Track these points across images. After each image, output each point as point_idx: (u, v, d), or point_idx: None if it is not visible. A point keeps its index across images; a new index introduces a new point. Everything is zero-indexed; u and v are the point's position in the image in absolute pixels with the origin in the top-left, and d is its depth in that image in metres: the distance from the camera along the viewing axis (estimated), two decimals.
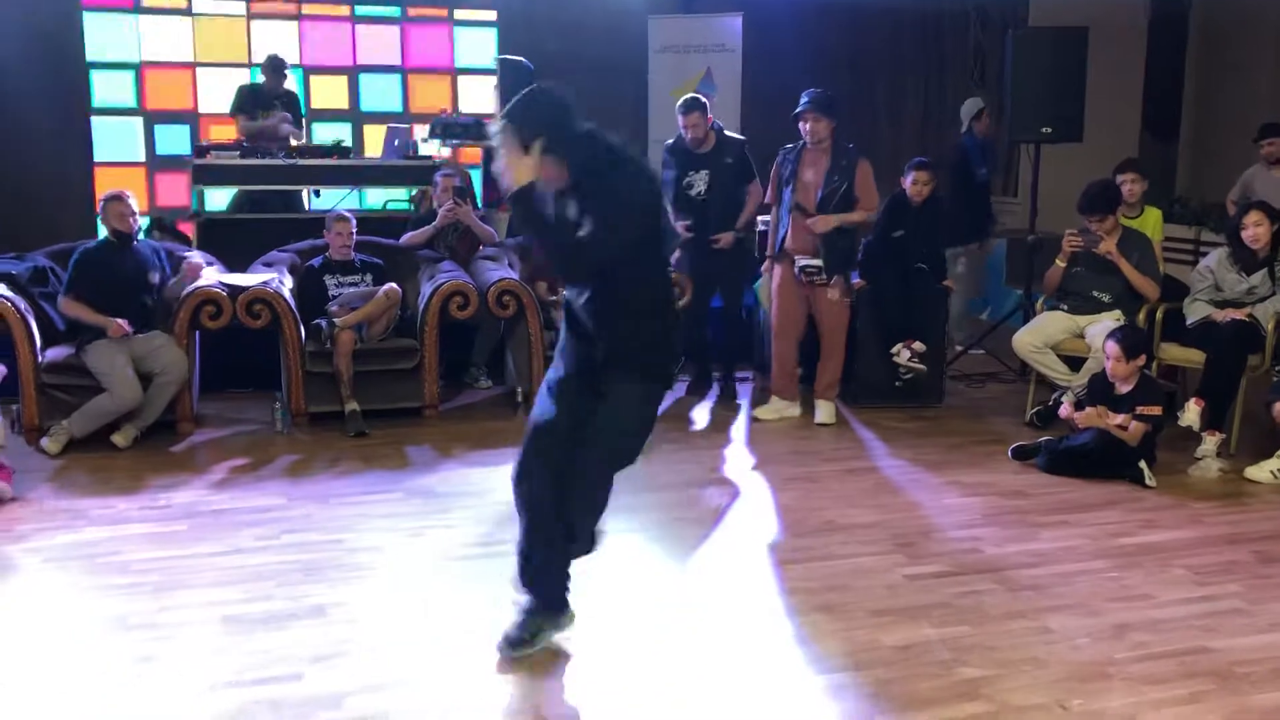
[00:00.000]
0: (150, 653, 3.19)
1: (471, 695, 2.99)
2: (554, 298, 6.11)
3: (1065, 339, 5.73)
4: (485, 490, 4.70)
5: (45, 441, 5.09)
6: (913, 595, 3.67)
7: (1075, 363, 5.68)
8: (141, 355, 5.26)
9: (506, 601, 3.39)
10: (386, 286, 5.82)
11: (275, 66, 7.73)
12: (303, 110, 8.10)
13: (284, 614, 3.45)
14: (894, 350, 6.05)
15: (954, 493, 4.77)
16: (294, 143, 7.44)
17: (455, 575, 3.79)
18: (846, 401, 6.08)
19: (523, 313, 5.95)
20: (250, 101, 7.68)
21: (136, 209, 5.48)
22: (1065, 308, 5.81)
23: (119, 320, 5.20)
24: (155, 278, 5.50)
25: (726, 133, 6.27)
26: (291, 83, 8.04)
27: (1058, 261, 5.87)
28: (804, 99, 5.68)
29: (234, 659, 3.15)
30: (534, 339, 5.98)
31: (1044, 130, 6.67)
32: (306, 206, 7.72)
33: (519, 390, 6.16)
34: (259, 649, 3.21)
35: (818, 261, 5.70)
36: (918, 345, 6.03)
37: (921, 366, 6.04)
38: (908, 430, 5.76)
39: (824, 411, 5.88)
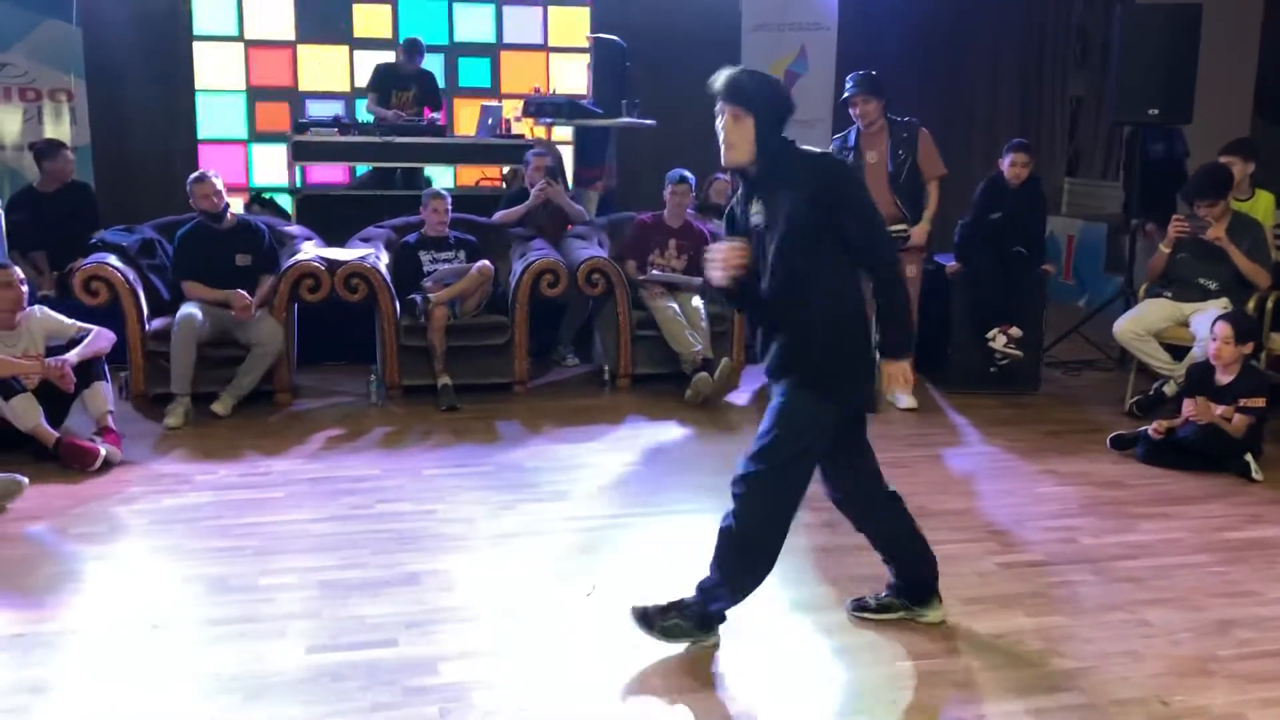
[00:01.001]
0: (250, 614, 3.29)
1: (559, 665, 3.02)
2: (643, 277, 6.12)
3: (1168, 327, 5.57)
4: (573, 466, 4.74)
5: (167, 420, 5.22)
6: (1005, 584, 3.61)
7: (1178, 352, 5.51)
8: (240, 326, 5.40)
9: (594, 575, 3.43)
10: (480, 263, 5.89)
11: (411, 47, 7.74)
12: (441, 89, 8.09)
13: (378, 581, 3.53)
14: (990, 335, 5.94)
15: (1049, 481, 4.67)
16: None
17: (544, 548, 3.83)
18: (940, 387, 5.98)
19: (612, 291, 5.98)
20: (386, 81, 7.71)
21: (222, 188, 5.60)
22: (1169, 295, 5.64)
23: (239, 291, 5.37)
24: (245, 260, 5.58)
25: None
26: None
27: (1162, 248, 5.69)
28: (849, 83, 5.64)
29: (330, 623, 3.23)
30: (621, 318, 6.01)
31: (1150, 112, 6.46)
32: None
33: (606, 368, 6.19)
34: (354, 614, 3.29)
35: (900, 226, 5.62)
36: (1014, 331, 5.91)
37: (1018, 352, 5.92)
38: (1002, 417, 5.66)
39: (906, 394, 5.77)
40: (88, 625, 3.22)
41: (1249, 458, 4.70)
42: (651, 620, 3.09)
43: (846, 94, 5.64)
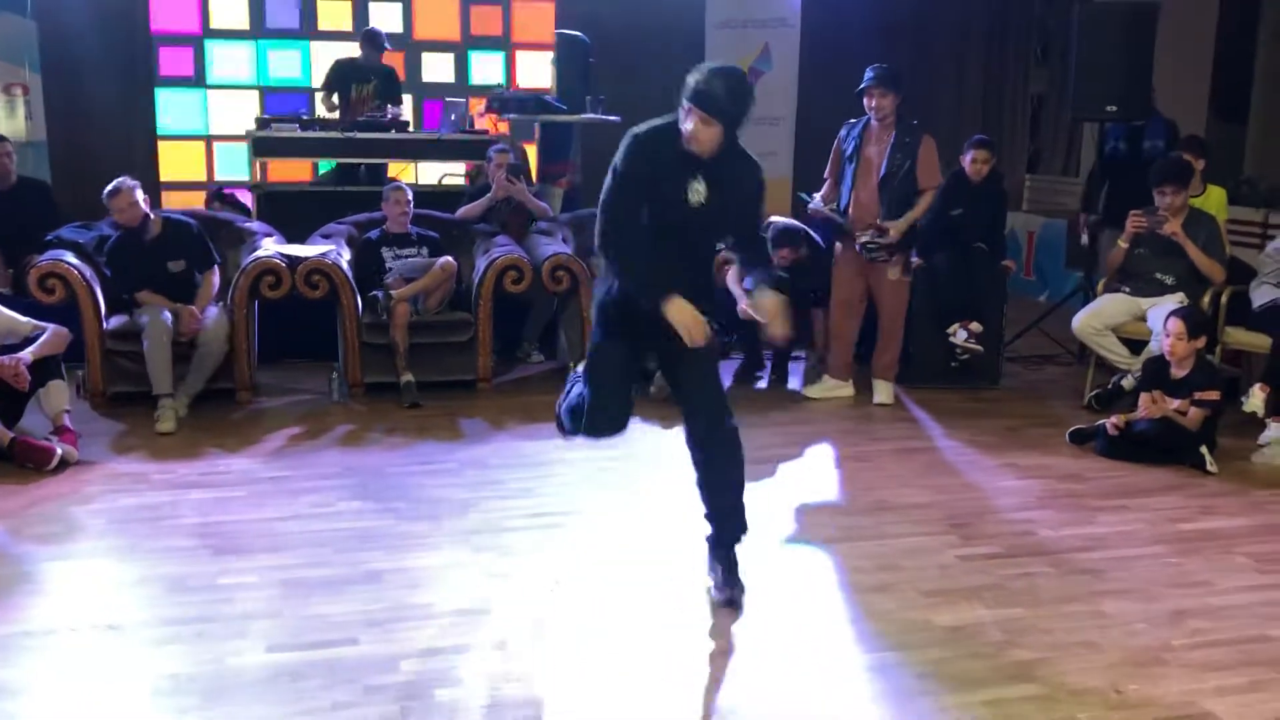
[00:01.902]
0: (209, 613, 3.26)
1: (523, 662, 3.02)
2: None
3: (1126, 321, 5.64)
4: (537, 463, 4.73)
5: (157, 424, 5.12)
6: (965, 576, 3.64)
7: (1136, 346, 5.58)
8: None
9: (559, 570, 3.43)
10: (442, 259, 5.86)
11: (372, 40, 7.62)
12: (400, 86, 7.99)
13: (340, 579, 3.50)
14: (950, 330, 5.99)
15: (1009, 475, 4.72)
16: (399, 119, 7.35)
17: (508, 545, 3.82)
18: (901, 382, 6.01)
19: (576, 288, 5.97)
20: (344, 76, 7.61)
21: (140, 198, 5.40)
22: (1127, 290, 5.71)
23: (189, 309, 5.30)
24: (178, 266, 5.46)
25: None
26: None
27: (1120, 243, 5.76)
28: (868, 74, 5.56)
29: (290, 622, 3.21)
30: (586, 314, 6.00)
31: (1109, 109, 6.54)
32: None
33: (571, 365, 6.18)
34: (315, 613, 3.27)
35: (881, 239, 5.62)
36: (975, 326, 5.96)
37: (978, 347, 5.97)
38: (963, 411, 5.71)
39: (882, 392, 5.83)
40: (45, 626, 3.18)
41: (1204, 450, 4.77)
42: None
43: (863, 84, 5.58)
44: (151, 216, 5.47)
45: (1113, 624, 3.31)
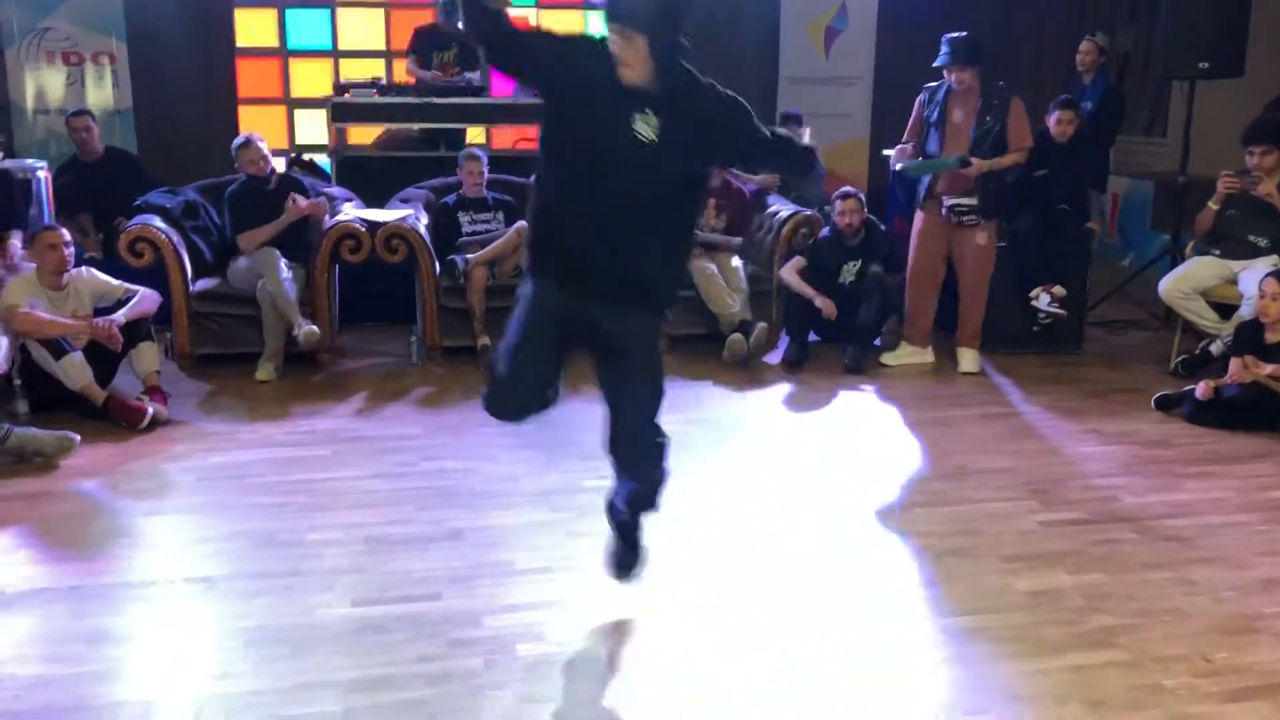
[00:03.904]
0: (297, 568, 3.35)
1: (602, 618, 3.06)
2: None
3: (1216, 285, 5.49)
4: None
5: (259, 374, 5.36)
6: (1047, 542, 3.60)
7: (1224, 310, 5.43)
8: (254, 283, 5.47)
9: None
10: (517, 224, 5.89)
11: (449, 5, 7.64)
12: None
13: (423, 537, 3.57)
14: (1032, 294, 5.88)
15: (1092, 441, 4.63)
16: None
17: (586, 504, 3.85)
18: (981, 347, 5.92)
19: None
20: (426, 43, 7.67)
21: (267, 152, 5.67)
22: (1217, 253, 5.55)
23: (295, 196, 5.54)
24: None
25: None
26: None
27: (1210, 205, 5.59)
28: (944, 50, 5.43)
29: (375, 577, 3.29)
30: None
31: (1201, 65, 6.32)
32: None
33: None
34: (399, 569, 3.34)
35: (970, 200, 5.52)
36: (1058, 290, 5.84)
37: (1061, 312, 5.86)
38: (1045, 377, 5.61)
39: (968, 360, 5.73)
40: (142, 578, 3.30)
41: None
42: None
43: (939, 61, 5.44)
44: (274, 171, 5.68)
45: (1200, 591, 3.25)
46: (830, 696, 2.71)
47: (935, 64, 5.46)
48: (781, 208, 6.33)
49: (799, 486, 4.10)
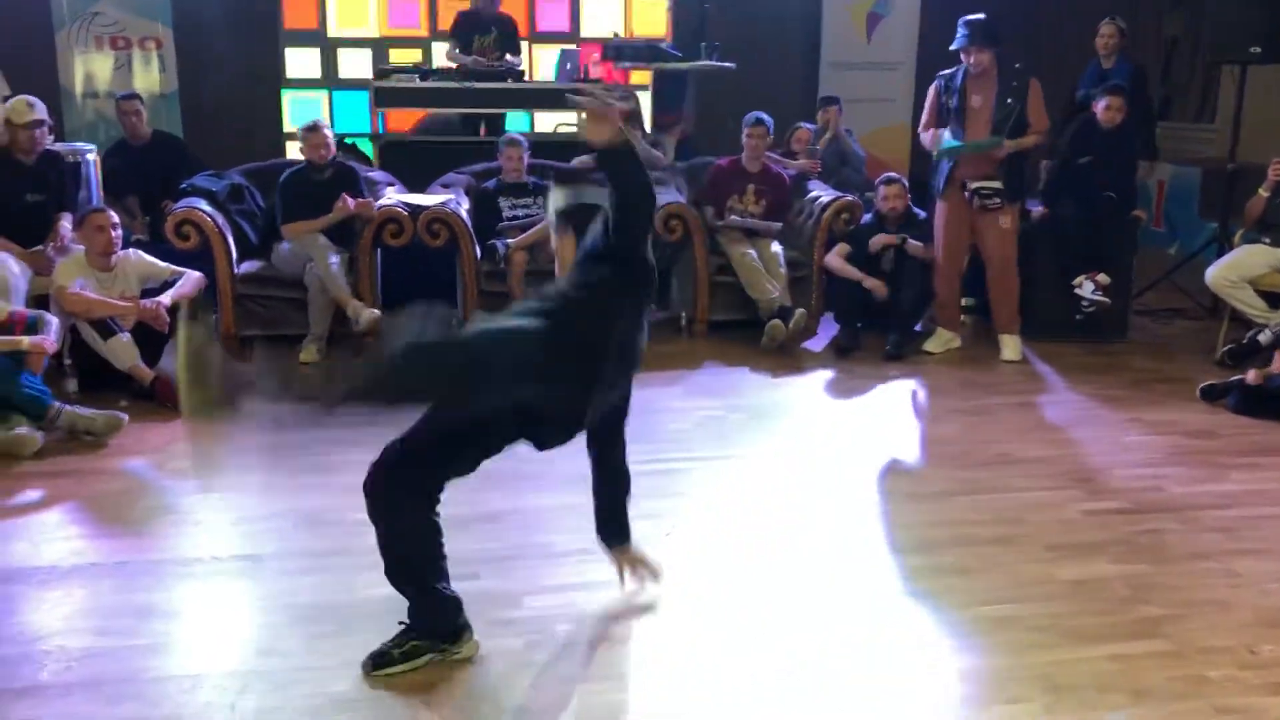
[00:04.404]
0: (342, 547, 3.38)
1: (639, 600, 3.08)
2: (721, 223, 6.10)
3: (1265, 273, 5.41)
4: (650, 411, 4.76)
5: (303, 355, 5.41)
6: (1089, 531, 3.57)
7: (1274, 300, 5.36)
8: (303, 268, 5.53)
9: (671, 517, 3.48)
10: None
11: None
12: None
13: (463, 518, 3.56)
14: (1075, 282, 5.81)
15: (1135, 430, 4.59)
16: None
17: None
18: (1021, 334, 5.87)
19: (689, 237, 5.96)
20: (467, 27, 7.68)
21: (331, 141, 5.74)
22: (1267, 241, 5.47)
23: (346, 196, 5.56)
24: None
25: None
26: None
27: (1260, 192, 5.51)
28: (961, 32, 5.42)
29: None
30: (699, 264, 6.00)
31: (1252, 50, 6.21)
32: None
33: (683, 315, 6.20)
34: None
35: (994, 184, 5.48)
36: (1101, 278, 5.78)
37: (1105, 300, 5.79)
38: (1088, 365, 5.56)
39: (1010, 347, 5.68)
40: (190, 555, 3.36)
41: None
42: None
43: (957, 44, 5.44)
44: (331, 159, 5.75)
45: (1245, 583, 3.21)
46: (870, 685, 2.71)
47: (952, 47, 5.45)
48: (822, 193, 6.30)
49: (837, 472, 4.10)
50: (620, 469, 3.13)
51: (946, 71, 5.63)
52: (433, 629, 2.76)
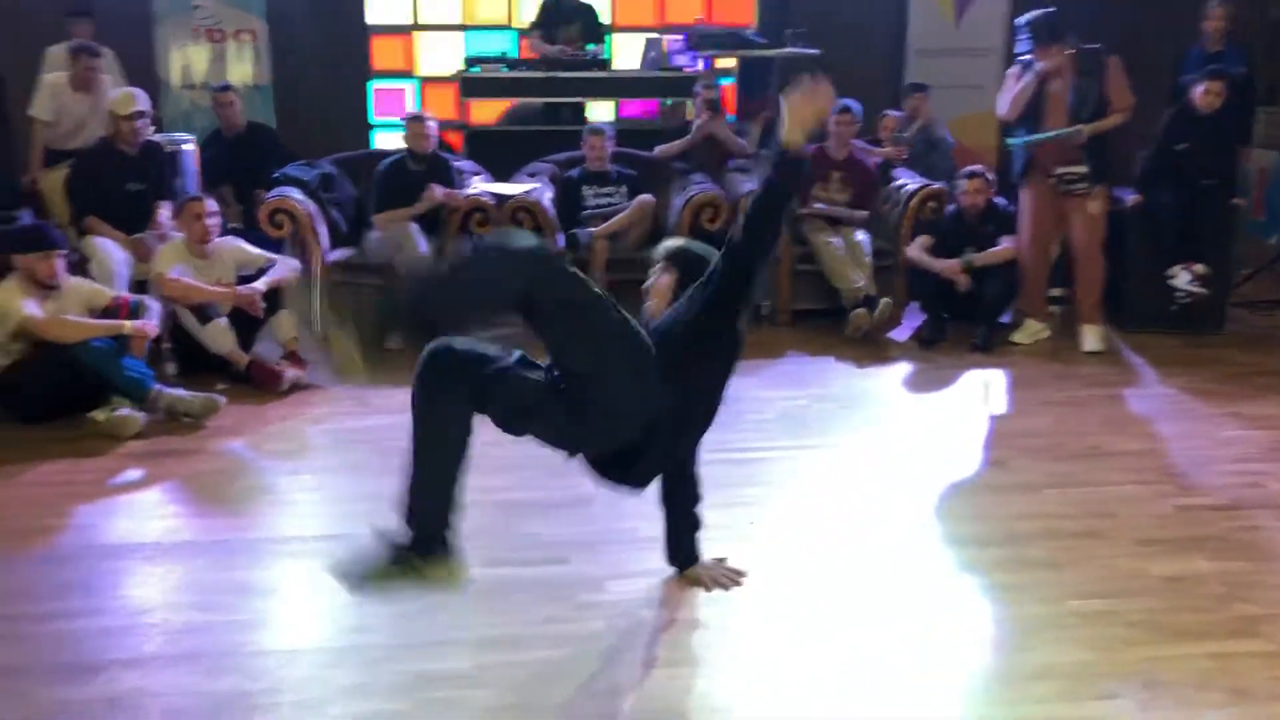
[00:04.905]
0: None
1: (722, 590, 3.08)
2: (804, 210, 6.05)
3: None
4: (733, 399, 4.73)
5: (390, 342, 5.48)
6: (1184, 527, 3.49)
7: None
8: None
9: (755, 506, 3.48)
10: (641, 198, 5.93)
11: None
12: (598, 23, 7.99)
13: (551, 503, 3.65)
14: (1170, 272, 5.66)
15: (1232, 425, 4.46)
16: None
17: (706, 478, 3.87)
18: (1113, 325, 5.75)
19: None
20: (550, 17, 7.72)
21: (434, 132, 5.84)
22: None
23: (434, 186, 5.65)
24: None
25: None
26: None
27: None
28: (1023, 37, 5.32)
29: (506, 539, 3.37)
30: (782, 252, 5.96)
31: None
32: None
33: (765, 304, 6.17)
34: (528, 532, 3.42)
35: (1080, 169, 5.36)
36: (1198, 268, 5.62)
37: (1202, 290, 5.63)
38: (1183, 358, 5.41)
39: (1093, 337, 5.55)
40: (285, 534, 3.45)
41: None
42: None
43: (1021, 49, 5.33)
44: (432, 151, 5.85)
45: None
46: (959, 675, 2.68)
47: (1017, 53, 5.34)
48: (909, 181, 6.22)
49: (920, 463, 4.05)
50: (690, 477, 3.11)
51: (1025, 56, 5.52)
52: (418, 536, 2.64)
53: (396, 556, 2.62)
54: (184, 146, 6.22)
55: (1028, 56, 5.40)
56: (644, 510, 3.56)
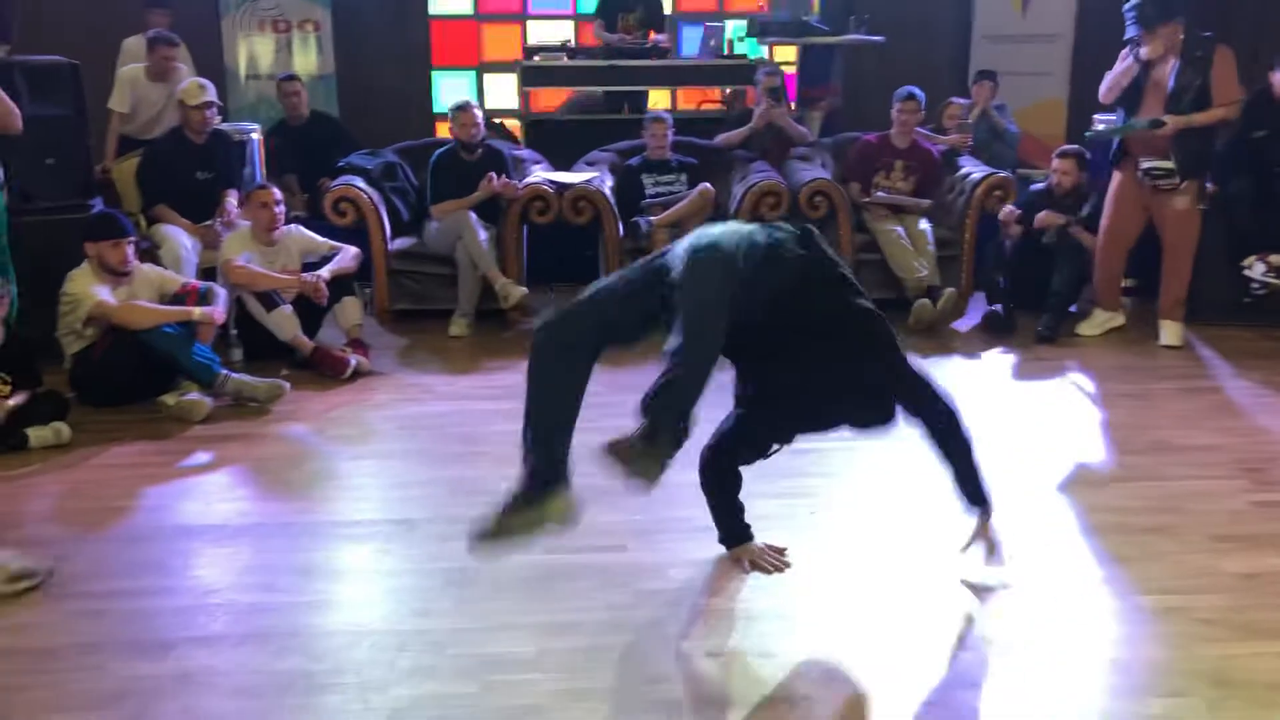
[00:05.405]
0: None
1: (776, 576, 3.07)
2: (867, 199, 5.99)
3: None
4: None
5: (452, 329, 5.60)
6: (1260, 523, 3.40)
7: None
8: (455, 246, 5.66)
9: (815, 496, 3.46)
10: (701, 186, 5.91)
11: None
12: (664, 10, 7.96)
13: (608, 491, 3.60)
14: (1246, 263, 5.52)
15: None
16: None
17: (766, 468, 3.84)
18: (1186, 318, 5.62)
19: (834, 214, 5.89)
20: (611, 5, 7.72)
21: (481, 120, 5.86)
22: None
23: (491, 175, 5.69)
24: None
25: None
26: None
27: None
28: (1129, 19, 5.07)
29: None
30: (844, 241, 5.91)
31: None
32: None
33: None
34: (587, 520, 3.37)
35: (1167, 164, 5.21)
36: (1275, 259, 5.46)
37: (1277, 282, 5.48)
38: (1257, 351, 5.28)
39: (1170, 333, 5.42)
40: (349, 518, 3.49)
41: None
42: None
43: (1129, 34, 5.10)
44: (483, 139, 5.89)
45: None
46: (1025, 671, 2.64)
47: (1125, 39, 5.15)
48: (973, 169, 6.13)
49: (984, 456, 3.98)
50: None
51: (1132, 38, 5.30)
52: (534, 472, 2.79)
53: (513, 501, 2.74)
54: (250, 136, 6.32)
55: (1136, 39, 5.20)
56: (698, 499, 3.56)
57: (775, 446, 3.06)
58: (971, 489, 2.97)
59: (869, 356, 2.87)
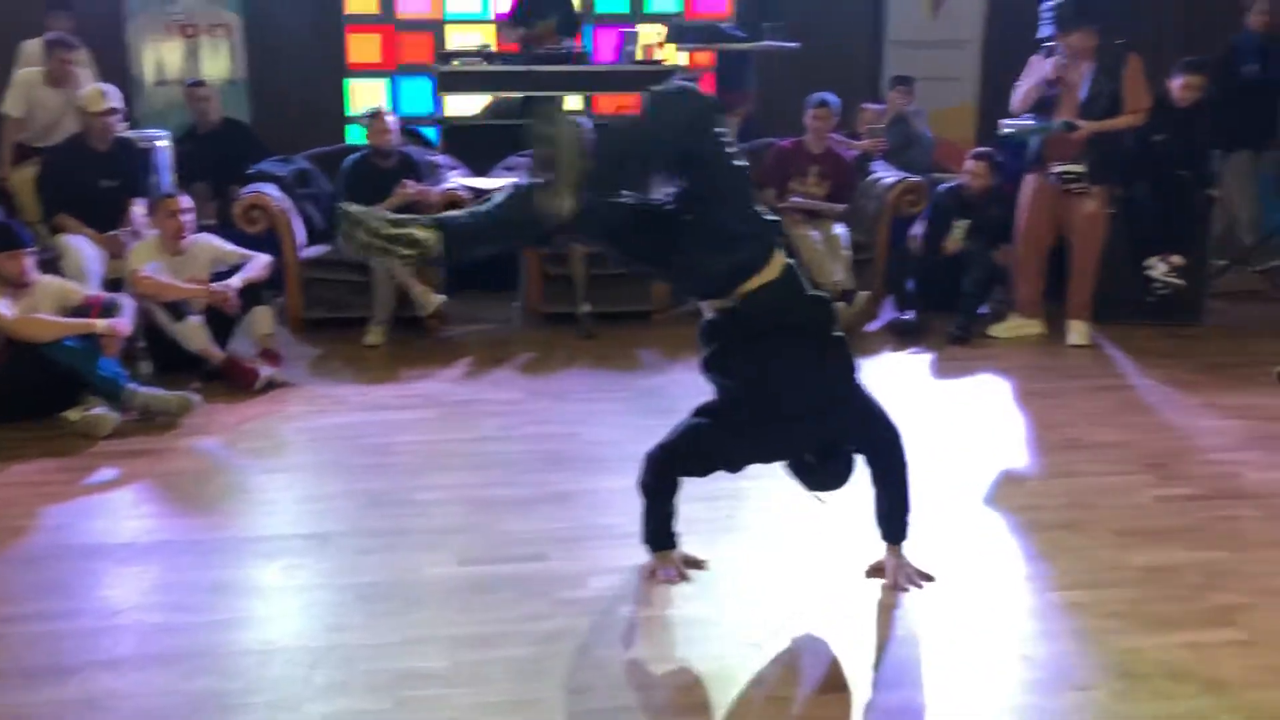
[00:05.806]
0: (405, 527, 3.43)
1: (701, 582, 3.07)
2: (782, 205, 6.04)
3: None
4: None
5: (367, 338, 5.50)
6: (1163, 517, 3.50)
7: None
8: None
9: (730, 499, 3.47)
10: None
11: None
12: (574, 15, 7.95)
13: (528, 499, 3.63)
14: (1148, 263, 5.68)
15: (1211, 415, 4.48)
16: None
17: None
18: (1093, 317, 5.76)
19: None
20: (525, 10, 7.66)
21: (394, 126, 5.79)
22: None
23: (406, 181, 5.63)
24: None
25: None
26: None
27: None
28: (1046, 18, 5.21)
29: (481, 537, 3.35)
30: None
31: None
32: None
33: None
34: (505, 530, 3.40)
35: (1079, 168, 5.35)
36: (1175, 259, 5.64)
37: (1179, 281, 5.65)
38: (1160, 349, 5.43)
39: (1077, 332, 5.56)
40: (261, 533, 3.42)
41: None
42: None
43: (1044, 33, 5.23)
44: (395, 146, 5.82)
45: None
46: (935, 666, 2.68)
47: (1038, 37, 5.27)
48: (886, 174, 6.22)
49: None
50: None
51: (1049, 43, 5.44)
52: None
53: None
54: (157, 143, 6.15)
55: (1051, 42, 5.31)
56: (623, 506, 3.55)
57: (721, 471, 3.09)
58: (896, 527, 3.02)
59: (833, 357, 3.12)
